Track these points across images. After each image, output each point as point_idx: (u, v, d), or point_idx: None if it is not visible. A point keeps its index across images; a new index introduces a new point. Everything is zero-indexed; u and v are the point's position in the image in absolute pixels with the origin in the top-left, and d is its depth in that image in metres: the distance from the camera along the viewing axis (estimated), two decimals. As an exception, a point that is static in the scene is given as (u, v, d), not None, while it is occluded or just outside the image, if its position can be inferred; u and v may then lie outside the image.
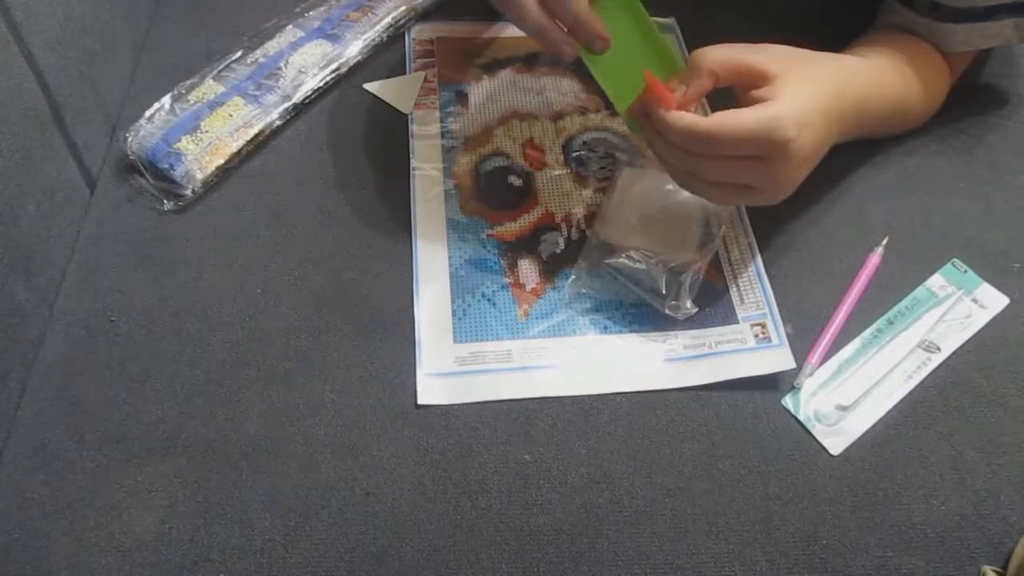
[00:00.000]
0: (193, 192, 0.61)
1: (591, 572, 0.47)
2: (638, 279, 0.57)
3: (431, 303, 0.56)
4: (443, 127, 0.66)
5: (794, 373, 0.54)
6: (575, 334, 0.55)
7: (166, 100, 0.65)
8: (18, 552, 0.46)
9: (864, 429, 0.52)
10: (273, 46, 0.70)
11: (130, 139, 0.62)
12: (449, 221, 0.61)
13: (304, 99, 0.67)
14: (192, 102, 0.65)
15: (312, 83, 0.67)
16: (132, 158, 0.62)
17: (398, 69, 0.71)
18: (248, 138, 0.64)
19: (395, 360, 0.54)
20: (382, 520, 0.48)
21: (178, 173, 0.61)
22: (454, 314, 0.56)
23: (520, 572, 0.47)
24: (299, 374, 0.53)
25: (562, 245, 0.60)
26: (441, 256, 0.59)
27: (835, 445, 0.51)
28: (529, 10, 0.49)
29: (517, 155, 0.65)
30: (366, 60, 0.71)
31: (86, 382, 0.53)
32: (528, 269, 0.58)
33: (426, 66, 0.71)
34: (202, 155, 0.62)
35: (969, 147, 0.66)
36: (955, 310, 0.57)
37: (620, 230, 0.58)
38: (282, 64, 0.68)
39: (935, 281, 0.58)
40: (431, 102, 0.68)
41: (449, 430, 0.51)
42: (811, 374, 0.54)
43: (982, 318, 0.57)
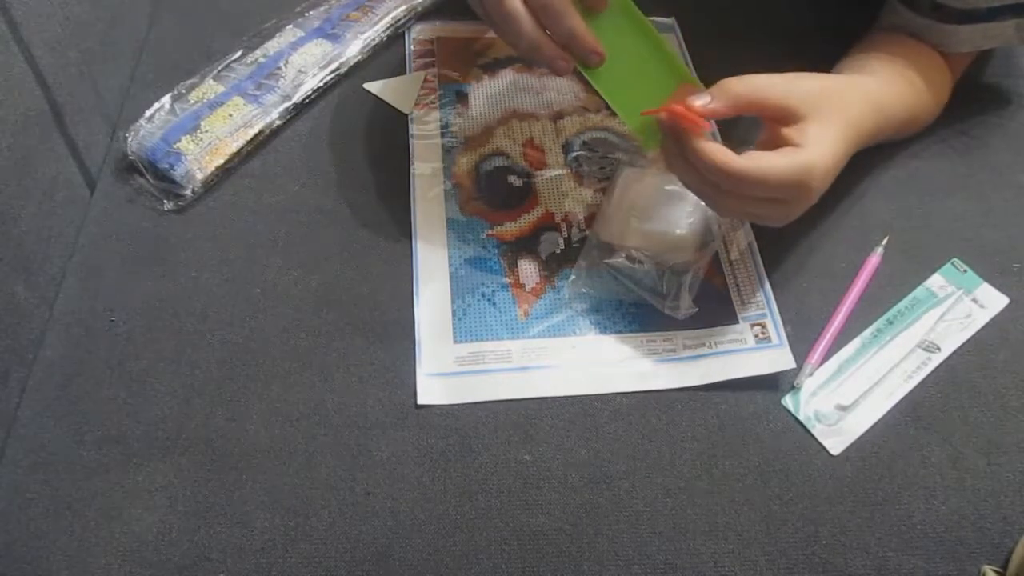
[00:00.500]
0: (193, 192, 0.61)
1: (591, 572, 0.47)
2: (638, 279, 0.57)
3: (431, 303, 0.56)
4: (443, 127, 0.66)
5: (794, 373, 0.54)
6: (575, 334, 0.55)
7: (166, 100, 0.65)
8: (18, 552, 0.46)
9: (864, 429, 0.52)
10: (273, 46, 0.70)
11: (130, 139, 0.62)
12: (449, 221, 0.61)
13: (304, 99, 0.67)
14: (192, 102, 0.65)
15: (312, 83, 0.67)
16: (132, 158, 0.62)
17: (398, 69, 0.71)
18: (248, 138, 0.64)
19: (395, 360, 0.54)
20: (382, 520, 0.48)
21: (178, 173, 0.61)
22: (454, 314, 0.56)
23: (520, 572, 0.47)
24: (299, 374, 0.53)
25: (562, 245, 0.60)
26: (441, 256, 0.59)
27: (835, 445, 0.51)
28: (524, 27, 0.49)
29: (517, 155, 0.65)
30: (366, 60, 0.71)
31: (86, 382, 0.53)
32: (528, 269, 0.58)
33: (426, 66, 0.71)
34: (202, 155, 0.62)
35: (969, 147, 0.66)
36: (955, 310, 0.57)
37: (620, 230, 0.58)
38: (282, 64, 0.68)
39: (935, 281, 0.59)
40: (431, 102, 0.68)
41: (449, 430, 0.51)
42: (811, 374, 0.54)
43: (982, 318, 0.57)
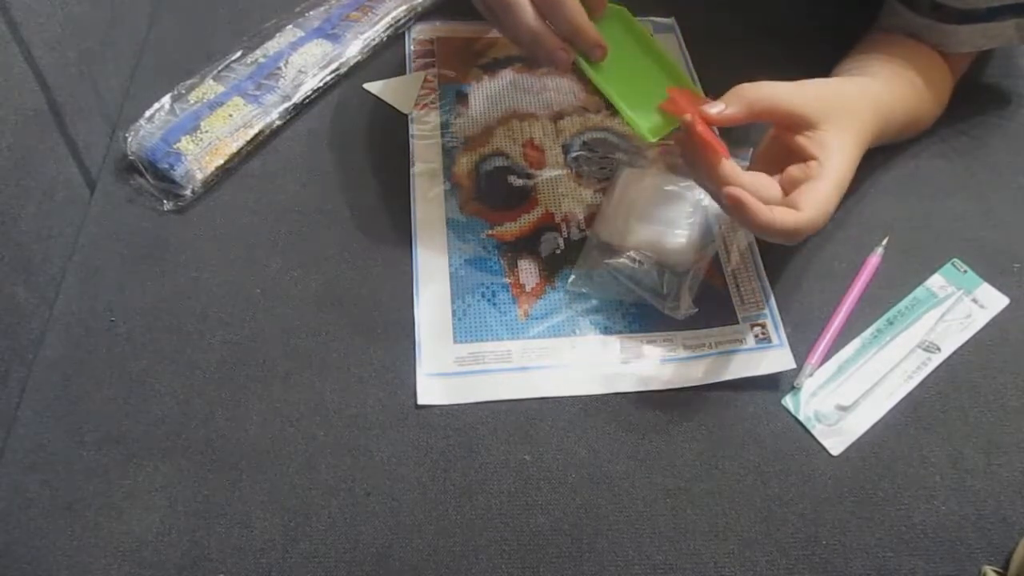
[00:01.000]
0: (193, 192, 0.61)
1: (591, 572, 0.47)
2: (638, 279, 0.57)
3: (431, 303, 0.56)
4: (443, 127, 0.66)
5: (794, 373, 0.54)
6: (575, 334, 0.55)
7: (166, 100, 0.65)
8: (18, 552, 0.46)
9: (864, 429, 0.52)
10: (273, 46, 0.70)
11: (130, 139, 0.62)
12: (449, 221, 0.61)
13: (304, 99, 0.67)
14: (192, 102, 0.65)
15: (312, 83, 0.67)
16: (132, 158, 0.62)
17: (398, 69, 0.71)
18: (248, 138, 0.64)
19: (395, 360, 0.54)
20: (382, 520, 0.48)
21: (178, 173, 0.61)
22: (454, 314, 0.56)
23: (520, 572, 0.47)
24: (299, 374, 0.53)
25: (562, 245, 0.60)
26: (441, 256, 0.59)
27: (835, 445, 0.51)
28: (526, 16, 0.49)
29: (517, 155, 0.65)
30: (366, 60, 0.71)
31: (86, 382, 0.53)
32: (528, 269, 0.58)
33: (426, 66, 0.71)
34: (202, 155, 0.62)
35: (969, 148, 0.66)
36: (955, 310, 0.57)
37: (620, 230, 0.58)
38: (282, 64, 0.68)
39: (935, 281, 0.59)
40: (431, 102, 0.68)
41: (449, 430, 0.51)
42: (811, 374, 0.54)
43: (982, 318, 0.57)
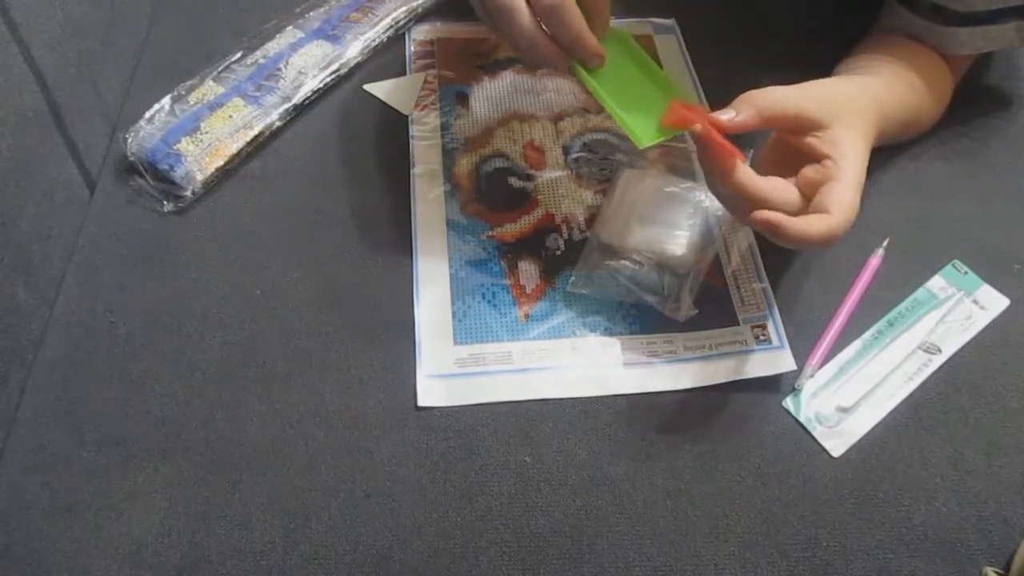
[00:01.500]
0: (193, 193, 0.61)
1: (591, 574, 0.47)
2: (638, 280, 0.57)
3: (431, 304, 0.56)
4: (443, 128, 0.66)
5: (795, 375, 0.53)
6: (575, 335, 0.55)
7: (166, 101, 0.65)
8: (18, 553, 0.46)
9: (865, 431, 0.52)
10: (273, 47, 0.70)
11: (130, 140, 0.62)
12: (449, 222, 0.61)
13: (304, 100, 0.67)
14: (192, 103, 0.65)
15: (312, 84, 0.67)
16: (132, 159, 0.62)
17: (398, 70, 0.71)
18: (248, 139, 0.64)
19: (395, 362, 0.54)
20: (382, 522, 0.48)
21: (178, 174, 0.61)
22: (454, 315, 0.56)
23: (520, 574, 0.47)
24: (299, 375, 0.53)
25: (562, 246, 0.60)
26: (441, 257, 0.59)
27: (836, 447, 0.51)
28: (524, 21, 0.49)
29: (517, 156, 0.65)
30: (366, 61, 0.71)
31: (86, 383, 0.52)
32: (528, 270, 0.58)
33: (426, 67, 0.71)
34: (202, 156, 0.62)
35: (970, 149, 0.66)
36: (955, 311, 0.57)
37: (620, 231, 0.57)
38: (282, 65, 0.68)
39: (935, 283, 0.58)
40: (431, 103, 0.68)
41: (449, 432, 0.51)
42: (812, 375, 0.54)
43: (982, 319, 0.57)
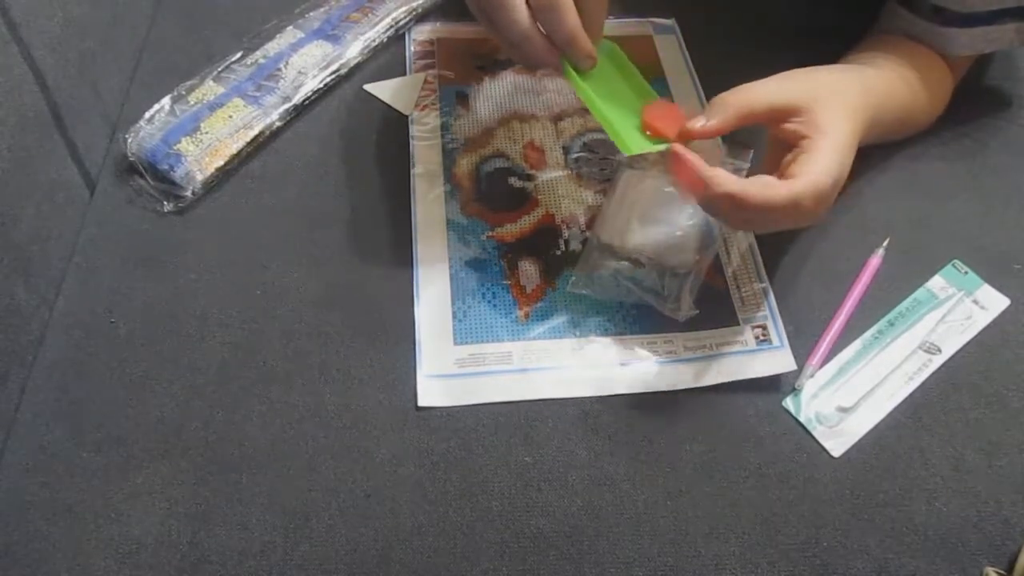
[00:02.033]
0: (193, 193, 0.61)
1: (592, 574, 0.47)
2: (639, 281, 0.57)
3: (431, 305, 0.56)
4: (443, 128, 0.66)
5: (795, 375, 0.53)
6: (575, 336, 0.55)
7: (166, 101, 0.65)
8: (17, 553, 0.46)
9: (865, 431, 0.52)
10: (273, 47, 0.70)
11: (130, 140, 0.62)
12: (449, 222, 0.61)
13: (304, 100, 0.67)
14: (192, 103, 0.65)
15: (312, 84, 0.67)
16: (132, 159, 0.62)
17: (398, 70, 0.71)
18: (248, 139, 0.64)
19: (395, 362, 0.54)
20: (382, 522, 0.48)
21: (178, 174, 0.61)
22: (454, 316, 0.56)
23: (520, 574, 0.46)
24: (299, 376, 0.53)
25: (562, 247, 0.60)
26: (441, 257, 0.59)
27: (836, 447, 0.51)
28: (519, 18, 0.49)
29: (518, 156, 0.65)
30: (366, 61, 0.71)
31: (86, 383, 0.52)
32: (528, 270, 0.58)
33: (426, 67, 0.71)
34: (202, 156, 0.62)
35: (970, 150, 0.66)
36: (956, 311, 0.57)
37: (620, 232, 0.57)
38: (282, 65, 0.68)
39: (936, 283, 0.58)
40: (431, 103, 0.68)
41: (449, 432, 0.51)
42: (812, 375, 0.54)
43: (983, 319, 0.57)
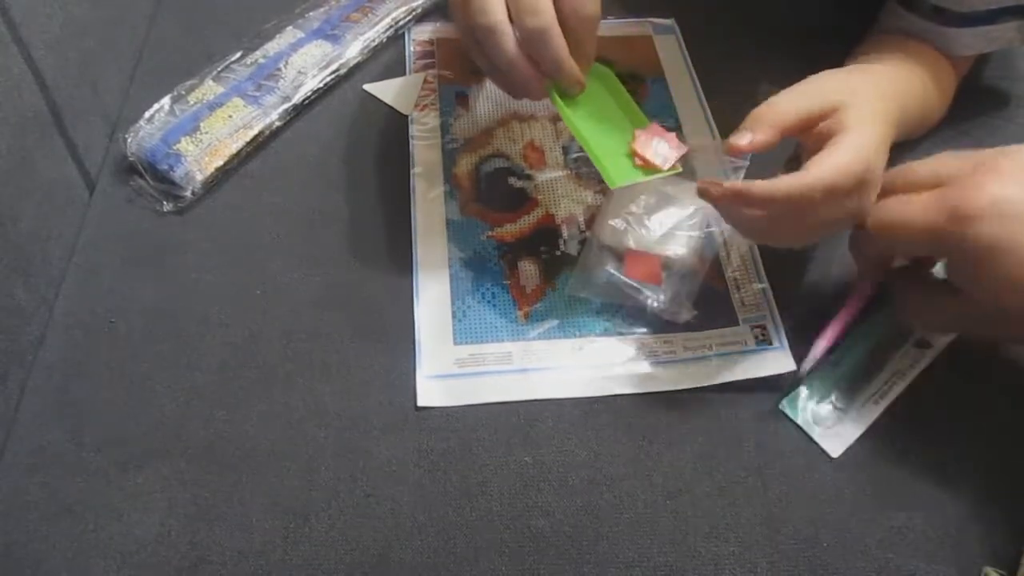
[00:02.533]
0: (193, 193, 0.61)
1: (592, 574, 0.47)
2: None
3: (431, 305, 0.56)
4: (443, 128, 0.66)
5: (794, 375, 0.53)
6: (575, 336, 0.55)
7: (165, 101, 0.65)
8: (17, 554, 0.46)
9: (862, 430, 0.52)
10: (273, 47, 0.70)
11: (130, 140, 0.62)
12: (449, 222, 0.61)
13: (304, 100, 0.67)
14: (192, 103, 0.65)
15: (312, 84, 0.67)
16: (132, 159, 0.62)
17: (398, 70, 0.71)
18: (248, 139, 0.64)
19: (395, 362, 0.54)
20: (382, 522, 0.48)
21: (178, 174, 0.61)
22: (454, 316, 0.56)
23: (520, 574, 0.47)
24: (299, 376, 0.53)
25: (562, 247, 0.60)
26: (441, 257, 0.59)
27: (834, 447, 0.51)
28: (507, 45, 0.48)
29: (517, 156, 0.65)
30: (366, 61, 0.71)
31: (86, 384, 0.52)
32: (528, 271, 0.58)
33: (426, 67, 0.71)
34: (202, 156, 0.62)
35: (968, 148, 0.66)
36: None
37: (620, 232, 0.57)
38: (282, 65, 0.68)
39: (928, 277, 0.58)
40: (431, 103, 0.68)
41: (449, 432, 0.51)
42: (808, 369, 0.53)
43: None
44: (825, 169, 0.46)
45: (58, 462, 0.49)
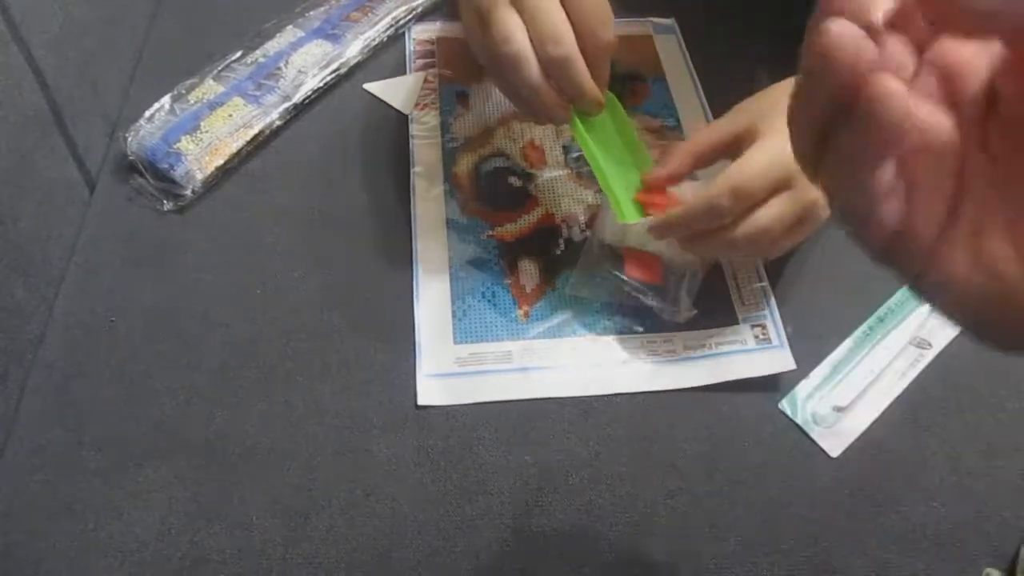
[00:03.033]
0: (193, 192, 0.61)
1: (592, 574, 0.47)
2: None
3: (431, 304, 0.56)
4: (443, 127, 0.66)
5: (794, 374, 0.53)
6: (575, 335, 0.55)
7: (166, 100, 0.65)
8: (18, 553, 0.46)
9: (862, 430, 0.52)
10: (273, 46, 0.70)
11: (130, 139, 0.62)
12: (449, 222, 0.61)
13: (304, 99, 0.67)
14: (192, 102, 0.65)
15: (312, 83, 0.67)
16: (132, 158, 0.62)
17: (398, 69, 0.71)
18: (248, 138, 0.64)
19: (395, 361, 0.54)
20: (382, 521, 0.48)
21: (178, 173, 0.61)
22: (454, 315, 0.56)
23: (520, 574, 0.47)
24: (299, 375, 0.53)
25: (562, 246, 0.60)
26: (441, 257, 0.59)
27: (834, 447, 0.51)
28: (531, 74, 0.48)
29: (517, 156, 0.65)
30: (366, 60, 0.71)
31: (85, 383, 0.53)
32: (528, 270, 0.58)
33: (426, 66, 0.71)
34: (202, 155, 0.62)
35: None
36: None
37: (620, 231, 0.57)
38: (282, 64, 0.68)
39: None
40: (431, 102, 0.68)
41: (449, 431, 0.51)
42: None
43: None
44: (729, 174, 0.48)
45: (58, 461, 0.49)
